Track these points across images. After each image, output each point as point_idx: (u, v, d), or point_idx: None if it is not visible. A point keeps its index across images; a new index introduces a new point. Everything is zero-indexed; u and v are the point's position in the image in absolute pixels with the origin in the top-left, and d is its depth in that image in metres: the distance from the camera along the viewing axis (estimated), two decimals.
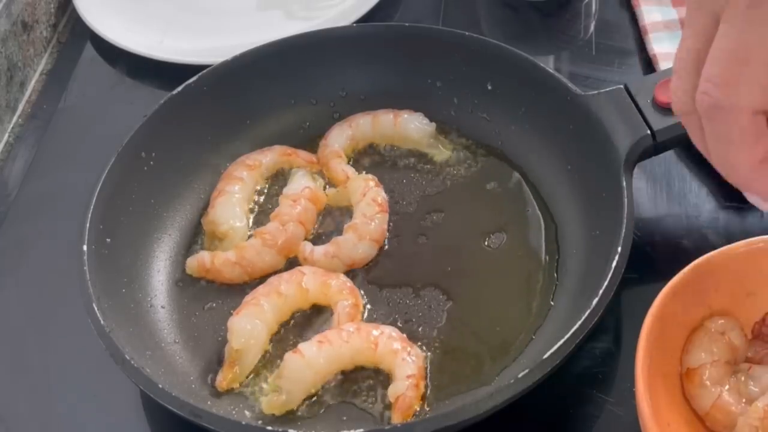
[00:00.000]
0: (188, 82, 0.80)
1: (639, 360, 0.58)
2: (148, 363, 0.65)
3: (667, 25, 0.87)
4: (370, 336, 0.66)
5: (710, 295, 0.63)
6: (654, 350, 0.59)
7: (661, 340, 0.60)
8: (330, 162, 0.80)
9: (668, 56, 0.75)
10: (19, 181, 0.87)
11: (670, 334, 0.61)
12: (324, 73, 0.84)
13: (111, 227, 0.72)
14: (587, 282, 0.66)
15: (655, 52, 0.86)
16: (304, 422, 0.65)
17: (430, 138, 0.81)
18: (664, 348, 0.61)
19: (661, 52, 0.85)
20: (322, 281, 0.71)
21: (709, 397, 0.60)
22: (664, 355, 0.61)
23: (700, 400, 0.60)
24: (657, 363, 0.59)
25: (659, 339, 0.60)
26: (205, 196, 0.79)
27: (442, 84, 0.83)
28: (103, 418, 0.69)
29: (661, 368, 0.60)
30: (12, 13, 0.94)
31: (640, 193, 0.76)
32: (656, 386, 0.59)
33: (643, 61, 0.89)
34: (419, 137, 0.81)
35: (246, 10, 1.01)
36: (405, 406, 0.63)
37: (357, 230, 0.74)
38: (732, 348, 0.62)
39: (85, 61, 0.97)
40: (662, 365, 0.60)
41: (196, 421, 0.59)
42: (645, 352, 0.58)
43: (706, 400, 0.60)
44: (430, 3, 0.99)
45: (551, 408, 0.65)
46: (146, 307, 0.71)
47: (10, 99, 0.93)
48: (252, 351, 0.67)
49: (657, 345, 0.59)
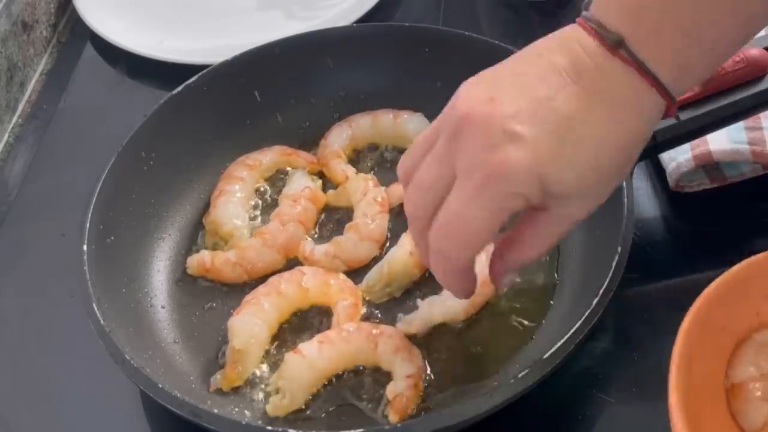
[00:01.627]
0: (188, 82, 0.80)
1: (674, 367, 0.54)
2: (148, 363, 0.65)
3: None
4: (370, 336, 0.66)
5: (758, 302, 0.59)
6: (694, 359, 0.55)
7: (701, 347, 0.56)
8: (330, 162, 0.80)
9: None
10: (19, 181, 0.87)
11: (713, 343, 0.57)
12: (324, 73, 0.84)
13: (111, 227, 0.72)
14: (587, 282, 0.66)
15: None
16: (304, 422, 0.65)
17: None
18: (705, 357, 0.57)
19: None
20: (322, 281, 0.71)
21: (759, 413, 0.57)
22: (704, 364, 0.57)
23: (748, 417, 0.57)
24: (697, 373, 0.55)
25: (699, 346, 0.56)
26: (205, 196, 0.79)
27: (442, 84, 0.82)
28: (103, 418, 0.69)
29: (702, 379, 0.56)
30: (12, 13, 0.94)
31: (640, 193, 0.76)
32: (694, 398, 0.54)
33: None
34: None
35: (246, 10, 1.01)
36: (402, 405, 0.63)
37: (358, 230, 0.74)
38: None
39: (85, 61, 0.97)
40: (704, 376, 0.56)
41: (196, 421, 0.59)
42: (682, 360, 0.54)
43: (757, 417, 0.57)
44: (430, 3, 0.99)
45: (551, 408, 0.65)
46: (146, 307, 0.71)
47: (10, 99, 0.93)
48: (253, 351, 0.67)
49: (697, 353, 0.55)
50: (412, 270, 0.71)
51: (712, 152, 0.74)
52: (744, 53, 0.71)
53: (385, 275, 0.71)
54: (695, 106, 0.71)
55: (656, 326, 0.68)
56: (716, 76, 0.70)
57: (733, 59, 0.71)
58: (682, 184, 0.75)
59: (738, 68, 0.71)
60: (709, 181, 0.76)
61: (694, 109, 0.70)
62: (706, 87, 0.70)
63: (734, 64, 0.70)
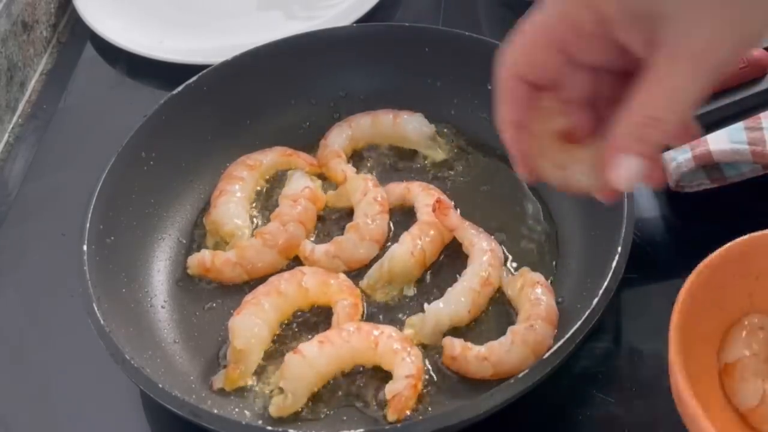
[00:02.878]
0: (188, 82, 0.80)
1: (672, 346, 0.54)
2: (148, 363, 0.65)
3: None
4: (371, 336, 0.66)
5: (751, 283, 0.60)
6: (687, 338, 0.55)
7: (695, 326, 0.56)
8: (330, 162, 0.80)
9: None
10: (19, 181, 0.87)
11: (707, 322, 0.58)
12: (324, 73, 0.84)
13: (111, 227, 0.72)
14: (587, 282, 0.66)
15: None
16: (304, 422, 0.65)
17: (429, 139, 0.81)
18: (698, 337, 0.57)
19: None
20: (322, 281, 0.71)
21: (752, 391, 0.57)
22: (698, 342, 0.57)
23: (743, 395, 0.58)
24: (692, 355, 0.55)
25: (693, 325, 0.56)
26: (205, 196, 0.79)
27: (442, 84, 0.83)
28: (103, 418, 0.69)
29: (696, 361, 0.56)
30: (12, 13, 0.94)
31: (640, 193, 0.76)
32: (690, 370, 0.54)
33: None
34: (418, 138, 0.81)
35: (246, 11, 1.01)
36: (401, 404, 0.63)
37: (358, 230, 0.74)
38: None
39: (85, 61, 0.97)
40: (696, 357, 0.57)
41: (196, 420, 0.59)
42: (677, 339, 0.54)
43: (752, 395, 0.57)
44: (430, 3, 0.99)
45: (551, 408, 0.65)
46: (146, 307, 0.71)
47: (10, 99, 0.93)
48: (255, 350, 0.67)
49: (690, 332, 0.55)
50: (413, 268, 0.71)
51: (712, 152, 0.74)
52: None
53: (385, 273, 0.71)
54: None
55: (656, 326, 0.67)
56: None
57: None
58: (682, 184, 0.75)
59: (738, 68, 0.70)
60: (709, 181, 0.76)
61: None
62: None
63: None
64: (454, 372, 0.66)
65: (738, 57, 0.45)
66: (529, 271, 0.70)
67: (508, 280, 0.70)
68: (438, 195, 0.75)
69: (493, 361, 0.64)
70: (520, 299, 0.68)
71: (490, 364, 0.64)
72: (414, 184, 0.77)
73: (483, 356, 0.65)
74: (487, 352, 0.65)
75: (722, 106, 0.70)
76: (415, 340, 0.68)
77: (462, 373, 0.66)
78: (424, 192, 0.76)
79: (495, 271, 0.70)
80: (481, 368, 0.65)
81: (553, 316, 0.66)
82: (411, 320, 0.69)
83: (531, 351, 0.64)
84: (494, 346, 0.65)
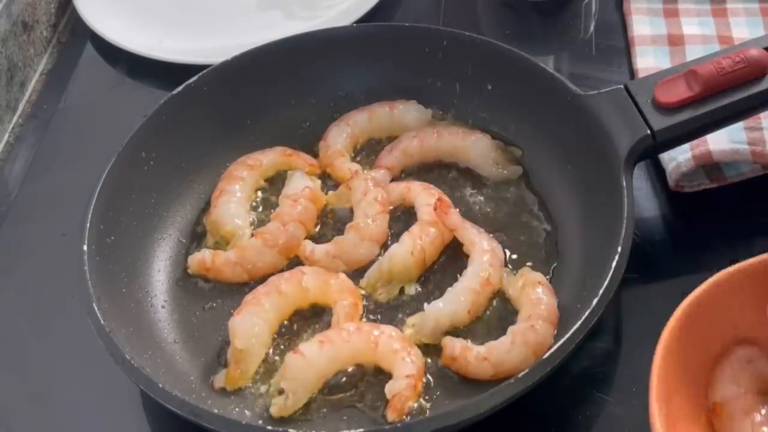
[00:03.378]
0: (188, 82, 0.80)
1: (653, 388, 0.53)
2: (148, 363, 0.65)
3: (654, 40, 0.87)
4: (371, 336, 0.66)
5: (735, 317, 0.58)
6: (671, 380, 0.54)
7: (679, 367, 0.55)
8: (335, 162, 0.80)
9: (651, 71, 0.76)
10: (19, 181, 0.87)
11: (692, 361, 0.56)
12: (324, 73, 0.84)
13: (111, 227, 0.72)
14: (587, 282, 0.66)
15: (638, 67, 0.85)
16: (304, 422, 0.65)
17: (428, 124, 0.81)
18: (684, 379, 0.56)
19: (644, 66, 0.85)
20: (322, 280, 0.71)
21: (743, 430, 0.55)
22: (683, 384, 0.56)
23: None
24: (675, 392, 0.54)
25: (677, 367, 0.54)
26: (205, 196, 0.79)
27: (442, 84, 0.83)
28: (103, 418, 0.69)
29: (681, 398, 0.55)
30: (12, 13, 0.94)
31: (640, 193, 0.76)
32: (675, 415, 0.54)
33: None
34: (417, 125, 0.81)
35: (246, 10, 1.01)
36: (400, 404, 0.63)
37: (358, 230, 0.74)
38: (761, 377, 0.58)
39: (85, 61, 0.97)
40: (683, 396, 0.55)
41: (196, 420, 0.59)
42: (660, 381, 0.53)
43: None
44: (430, 3, 0.99)
45: (551, 408, 0.65)
46: (146, 307, 0.71)
47: (10, 99, 0.93)
48: (255, 350, 0.67)
49: (675, 374, 0.54)
50: (413, 268, 0.71)
51: (712, 152, 0.74)
52: (744, 53, 0.71)
53: (385, 273, 0.71)
54: (695, 106, 0.71)
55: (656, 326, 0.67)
56: (716, 76, 0.70)
57: (733, 59, 0.71)
58: (682, 184, 0.76)
59: (738, 68, 0.71)
60: (709, 181, 0.76)
61: (694, 109, 0.70)
62: (706, 87, 0.70)
63: (734, 64, 0.70)
64: (454, 372, 0.66)
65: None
66: (529, 271, 0.70)
67: (509, 280, 0.70)
68: (439, 194, 0.75)
69: (493, 361, 0.64)
70: (521, 299, 0.68)
71: (490, 364, 0.64)
72: (414, 183, 0.77)
73: (483, 356, 0.65)
74: (487, 352, 0.65)
75: (722, 106, 0.71)
76: (415, 340, 0.68)
77: (462, 373, 0.66)
78: (425, 191, 0.76)
79: (495, 271, 0.70)
80: (481, 368, 0.65)
81: (554, 317, 0.66)
82: (411, 320, 0.69)
83: (531, 351, 0.64)
84: (494, 346, 0.65)
